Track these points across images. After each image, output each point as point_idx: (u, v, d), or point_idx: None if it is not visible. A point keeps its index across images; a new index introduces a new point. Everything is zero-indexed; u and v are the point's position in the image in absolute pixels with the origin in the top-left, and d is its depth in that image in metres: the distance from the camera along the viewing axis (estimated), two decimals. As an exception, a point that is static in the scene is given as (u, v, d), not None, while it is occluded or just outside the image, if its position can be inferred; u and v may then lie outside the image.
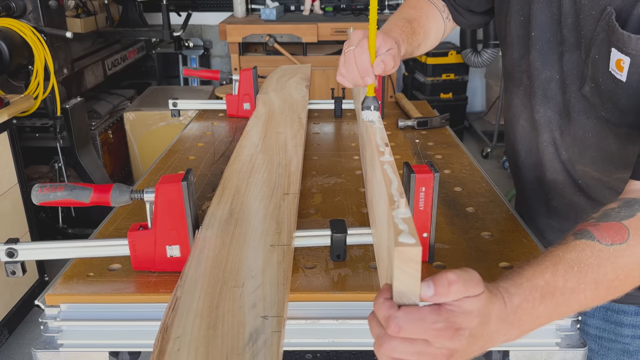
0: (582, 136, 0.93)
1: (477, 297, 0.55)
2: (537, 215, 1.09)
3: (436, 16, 1.16)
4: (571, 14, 0.87)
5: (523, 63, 0.99)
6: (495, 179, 1.49)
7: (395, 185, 0.67)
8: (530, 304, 0.60)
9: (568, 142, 0.96)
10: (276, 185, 1.01)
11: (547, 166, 1.01)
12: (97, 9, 3.45)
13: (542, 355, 0.81)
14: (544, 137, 0.99)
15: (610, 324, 1.02)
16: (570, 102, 0.92)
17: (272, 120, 1.39)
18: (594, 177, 0.95)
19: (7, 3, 2.37)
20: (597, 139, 0.91)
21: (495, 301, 0.58)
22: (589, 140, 0.92)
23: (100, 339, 0.82)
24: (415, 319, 0.53)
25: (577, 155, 0.95)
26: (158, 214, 0.82)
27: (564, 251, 0.65)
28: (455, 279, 0.54)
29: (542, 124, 0.98)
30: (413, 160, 1.33)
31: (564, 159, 0.98)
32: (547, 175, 1.02)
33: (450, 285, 0.54)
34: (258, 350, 0.60)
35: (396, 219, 0.58)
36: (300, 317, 0.80)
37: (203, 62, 4.36)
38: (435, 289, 0.54)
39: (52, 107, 2.56)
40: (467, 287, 0.55)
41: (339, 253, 0.87)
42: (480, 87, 4.79)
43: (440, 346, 0.54)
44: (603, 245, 0.65)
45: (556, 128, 0.96)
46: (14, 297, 2.26)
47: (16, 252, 0.82)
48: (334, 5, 4.20)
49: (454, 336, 0.54)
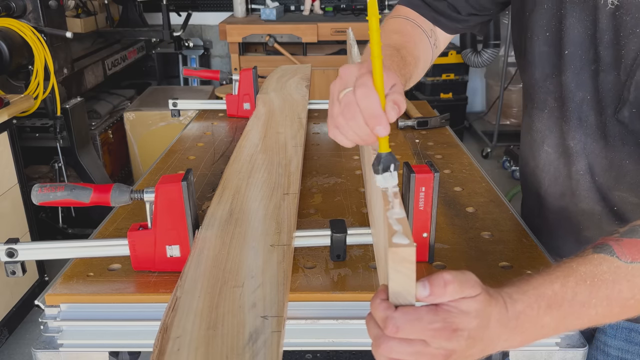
0: (618, 162, 0.86)
1: (474, 298, 0.55)
2: (564, 243, 0.99)
3: (424, 42, 1.01)
4: (609, 31, 0.79)
5: (550, 84, 0.90)
6: (495, 179, 1.49)
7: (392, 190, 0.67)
8: (534, 312, 0.59)
9: (604, 167, 0.88)
10: (276, 185, 1.01)
11: (581, 195, 0.92)
12: (97, 9, 3.45)
13: (542, 355, 0.81)
14: (579, 165, 0.90)
15: (633, 345, 0.95)
16: (606, 127, 0.84)
17: (272, 120, 1.39)
18: (632, 202, 0.88)
19: (7, 3, 2.37)
20: (635, 166, 0.85)
21: (495, 304, 0.57)
22: (627, 167, 0.85)
23: (100, 339, 0.82)
24: (413, 319, 0.53)
25: (613, 181, 0.88)
26: (158, 214, 0.82)
27: (579, 263, 0.63)
28: (451, 279, 0.54)
29: (577, 151, 0.90)
30: (413, 160, 1.33)
31: (599, 186, 0.90)
32: (579, 205, 0.93)
33: (446, 286, 0.54)
34: (258, 350, 0.60)
35: (390, 219, 0.58)
36: (300, 317, 0.80)
37: (203, 62, 4.36)
38: (431, 289, 0.54)
39: (52, 107, 2.56)
40: (463, 287, 0.55)
41: (339, 253, 0.87)
42: (480, 87, 4.79)
43: (438, 346, 0.54)
44: (622, 262, 0.63)
45: (591, 154, 0.88)
46: (14, 297, 2.26)
47: (16, 252, 0.82)
48: (334, 5, 4.20)
49: (452, 337, 0.54)
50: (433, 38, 1.03)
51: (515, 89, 4.31)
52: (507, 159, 3.92)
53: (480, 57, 3.99)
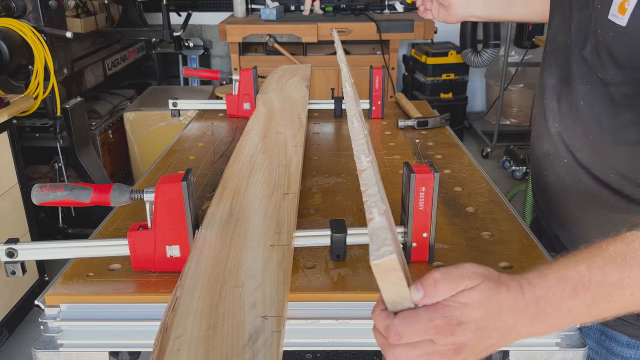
0: (576, 105, 0.87)
1: (474, 288, 0.54)
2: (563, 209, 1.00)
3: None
4: None
5: (548, 42, 0.96)
6: (495, 179, 1.49)
7: (369, 192, 0.67)
8: (557, 296, 0.55)
9: (565, 112, 0.90)
10: (276, 185, 1.01)
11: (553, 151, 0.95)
12: (97, 9, 3.45)
13: (542, 355, 0.81)
14: (549, 114, 0.93)
15: (602, 348, 0.98)
16: (571, 67, 0.87)
17: (272, 120, 1.39)
18: (587, 150, 0.89)
19: (7, 3, 2.37)
20: (587, 107, 0.85)
21: (507, 291, 0.55)
22: (581, 109, 0.86)
23: (100, 339, 0.82)
24: (412, 322, 0.52)
25: (570, 128, 0.90)
26: (158, 214, 0.82)
27: (609, 243, 0.59)
28: (441, 277, 0.53)
29: (549, 101, 0.93)
30: (413, 160, 1.33)
31: (560, 132, 0.92)
32: (555, 163, 0.96)
33: (437, 284, 0.53)
34: (258, 350, 0.60)
35: (371, 232, 0.57)
36: (300, 317, 0.80)
37: (203, 62, 4.36)
38: (424, 290, 0.53)
39: (52, 107, 2.56)
40: (456, 282, 0.53)
41: (339, 253, 0.87)
42: (480, 87, 4.79)
43: (444, 343, 0.53)
44: None
45: (558, 100, 0.91)
46: (14, 297, 2.26)
47: (16, 252, 0.82)
48: (334, 5, 4.20)
49: (456, 331, 0.53)
50: None
51: (515, 89, 4.32)
52: (507, 159, 3.92)
53: (480, 57, 3.99)
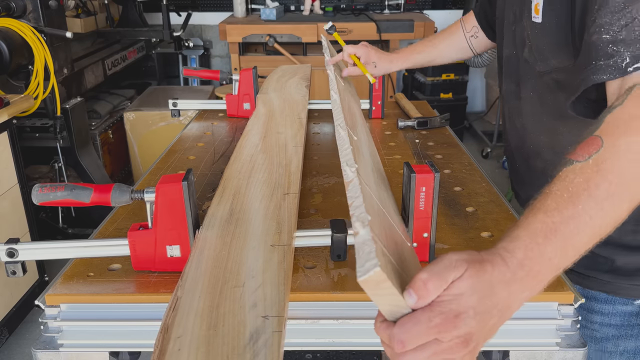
0: (524, 98, 1.04)
1: (462, 277, 0.54)
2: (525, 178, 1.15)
3: (456, 33, 1.42)
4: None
5: (499, 48, 1.16)
6: (495, 179, 1.50)
7: (355, 204, 0.67)
8: (535, 251, 0.58)
9: (515, 102, 1.08)
10: (276, 185, 1.01)
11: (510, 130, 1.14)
12: (97, 9, 3.45)
13: (542, 355, 0.81)
14: (505, 109, 1.13)
15: (582, 310, 1.03)
16: (519, 68, 1.03)
17: (272, 121, 1.39)
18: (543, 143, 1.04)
19: (7, 3, 2.37)
20: (538, 97, 1.01)
21: (492, 267, 0.56)
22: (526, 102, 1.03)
23: (100, 339, 0.82)
24: (411, 327, 0.52)
25: (515, 112, 1.08)
26: (158, 214, 0.82)
27: (551, 186, 0.64)
28: (428, 276, 0.53)
29: (507, 99, 1.12)
30: (413, 160, 1.33)
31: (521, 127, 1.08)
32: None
33: (426, 284, 0.53)
34: (259, 350, 0.60)
35: (357, 246, 0.57)
36: (301, 317, 0.80)
37: (203, 62, 4.36)
38: (416, 294, 0.53)
39: (52, 107, 2.56)
40: (443, 276, 0.54)
41: (339, 253, 0.87)
42: (480, 87, 4.78)
43: (450, 338, 0.53)
44: (583, 162, 0.64)
45: (508, 97, 1.10)
46: (14, 297, 2.26)
47: (16, 252, 0.82)
48: (334, 5, 4.20)
49: (457, 323, 0.53)
50: (471, 32, 1.40)
51: (515, 89, 4.30)
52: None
53: (480, 57, 3.98)
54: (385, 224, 0.73)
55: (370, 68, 1.45)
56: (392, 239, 0.69)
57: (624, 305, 1.02)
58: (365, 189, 0.72)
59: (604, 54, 0.76)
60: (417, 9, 4.31)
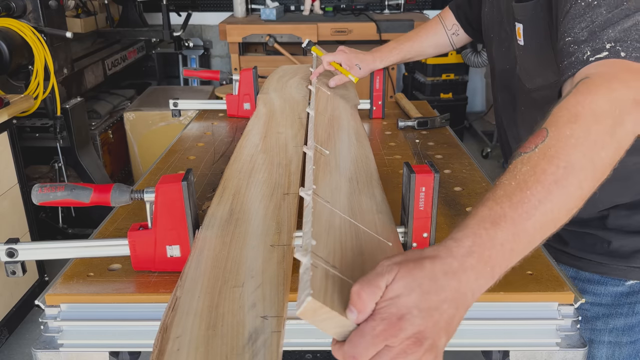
0: (514, 104, 1.10)
1: (395, 279, 0.54)
2: None
3: (438, 30, 1.47)
4: (506, 12, 1.05)
5: (490, 59, 1.23)
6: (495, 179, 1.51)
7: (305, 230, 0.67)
8: (484, 237, 0.58)
9: (509, 111, 1.14)
10: (276, 185, 1.01)
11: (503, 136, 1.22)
12: (97, 9, 3.45)
13: (542, 355, 0.81)
14: (497, 115, 1.21)
15: None
16: (512, 81, 1.09)
17: (272, 120, 1.39)
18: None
19: (7, 3, 2.37)
20: (528, 110, 1.07)
21: (431, 264, 0.55)
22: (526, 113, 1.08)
23: (100, 339, 0.82)
24: (358, 340, 0.52)
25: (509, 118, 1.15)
26: (158, 214, 0.82)
27: (499, 178, 0.65)
28: (359, 287, 0.54)
29: (500, 108, 1.19)
30: (413, 160, 1.33)
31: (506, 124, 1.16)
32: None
33: (360, 295, 0.53)
34: (258, 350, 0.60)
35: (299, 276, 0.57)
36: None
37: (203, 62, 4.36)
38: (355, 308, 0.53)
39: (52, 107, 2.56)
40: (375, 284, 0.53)
41: (339, 253, 0.87)
42: (480, 87, 4.78)
43: (400, 341, 0.52)
44: (530, 153, 0.65)
45: (503, 106, 1.17)
46: (14, 297, 2.26)
47: (16, 252, 0.82)
48: (334, 5, 4.20)
49: (402, 325, 0.52)
50: (452, 30, 1.45)
51: (515, 89, 4.30)
52: (507, 159, 3.92)
53: (480, 57, 3.99)
54: (350, 235, 0.73)
55: (355, 70, 1.50)
56: (356, 249, 0.69)
57: (615, 287, 1.05)
58: (322, 208, 0.73)
59: (567, 54, 0.79)
60: (417, 9, 4.31)
